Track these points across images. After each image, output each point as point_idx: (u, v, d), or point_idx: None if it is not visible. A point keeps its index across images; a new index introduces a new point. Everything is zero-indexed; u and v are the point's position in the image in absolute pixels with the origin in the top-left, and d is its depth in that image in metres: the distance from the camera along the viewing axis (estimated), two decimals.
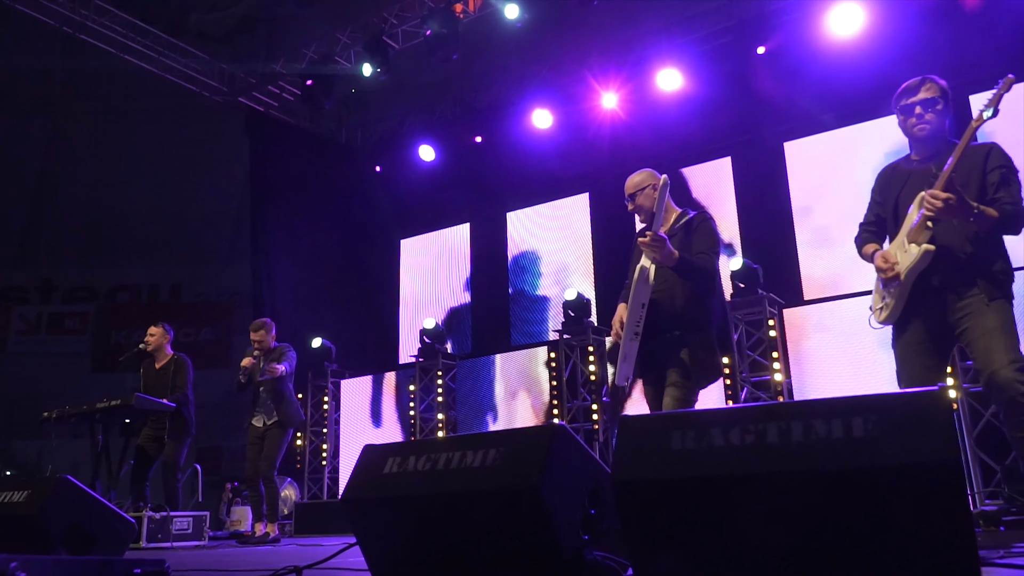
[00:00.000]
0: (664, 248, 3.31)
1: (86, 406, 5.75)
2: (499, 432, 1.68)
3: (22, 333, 17.43)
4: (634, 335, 3.41)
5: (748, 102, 8.80)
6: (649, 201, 3.73)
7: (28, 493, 2.63)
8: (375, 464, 1.83)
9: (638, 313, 3.38)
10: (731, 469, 1.36)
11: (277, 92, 10.52)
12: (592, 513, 1.61)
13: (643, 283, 3.38)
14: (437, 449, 1.73)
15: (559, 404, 8.06)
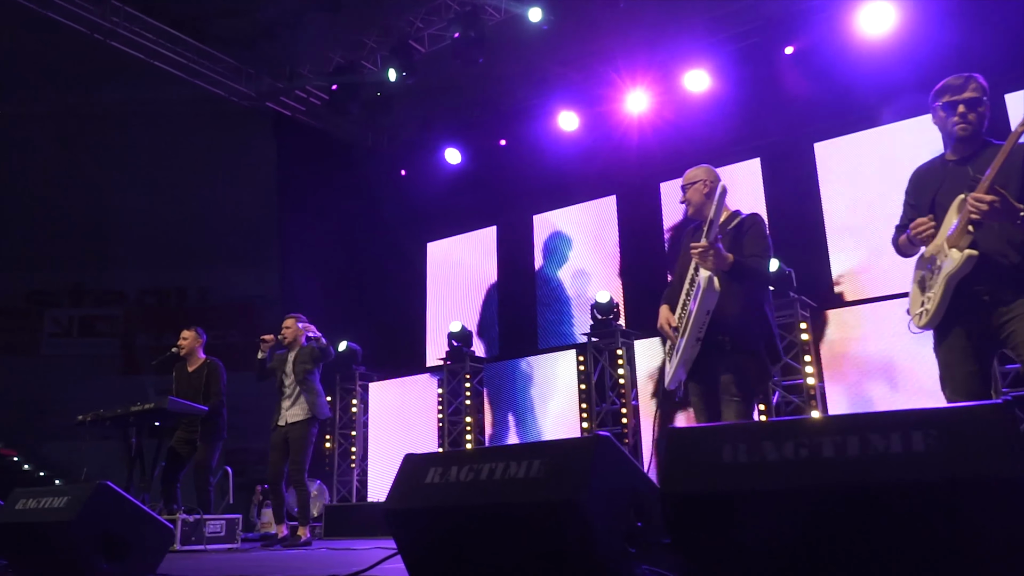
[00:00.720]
0: (717, 256, 3.27)
1: (120, 409, 5.80)
2: (542, 443, 1.66)
3: (54, 336, 17.69)
4: (696, 340, 3.37)
5: (777, 103, 8.71)
6: (698, 196, 3.69)
7: (67, 499, 2.64)
8: (416, 473, 1.81)
9: (702, 320, 3.33)
10: (785, 483, 1.33)
11: (304, 97, 10.58)
12: (638, 526, 1.59)
13: (711, 291, 3.31)
14: (479, 459, 1.71)
15: (588, 407, 8.02)
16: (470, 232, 10.85)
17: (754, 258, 3.45)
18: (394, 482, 1.86)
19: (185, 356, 6.32)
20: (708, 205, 3.68)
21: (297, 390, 6.08)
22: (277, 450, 6.13)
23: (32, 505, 2.75)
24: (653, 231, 9.31)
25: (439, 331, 10.63)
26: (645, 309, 8.93)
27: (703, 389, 3.53)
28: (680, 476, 1.41)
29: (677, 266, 3.79)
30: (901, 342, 6.96)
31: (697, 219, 3.71)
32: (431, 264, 11.16)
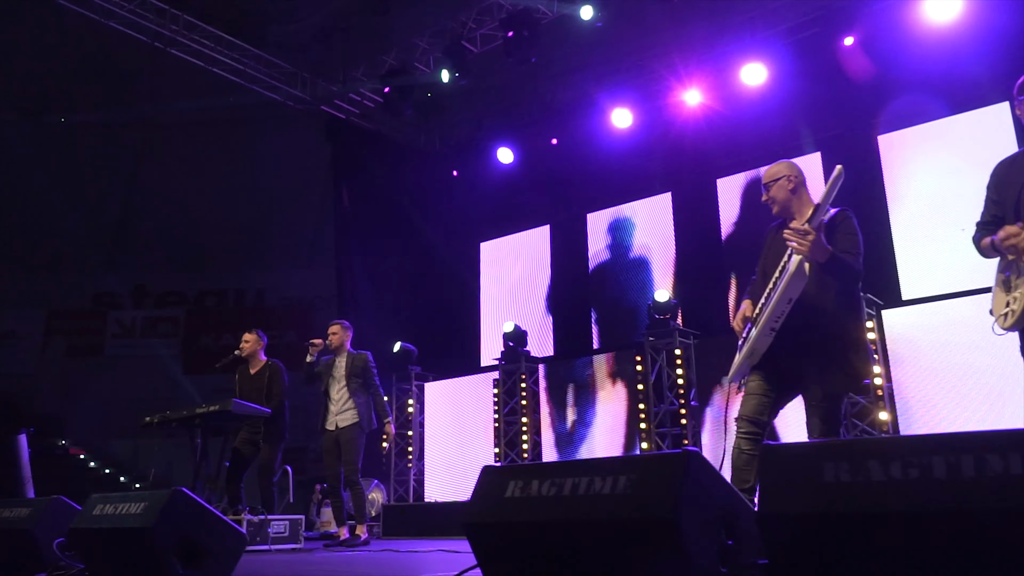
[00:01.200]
0: (816, 244, 3.09)
1: (186, 411, 5.90)
2: (628, 457, 1.61)
3: (118, 337, 18.14)
4: (770, 331, 3.24)
5: (837, 95, 8.50)
6: (783, 193, 3.53)
7: (145, 506, 2.68)
8: (496, 487, 1.79)
9: (782, 308, 3.19)
10: (893, 505, 1.26)
11: (358, 99, 10.67)
12: (729, 544, 1.53)
13: (799, 277, 3.13)
14: (561, 473, 1.67)
15: (646, 408, 7.93)
16: (523, 231, 10.82)
17: (847, 255, 3.27)
18: (473, 495, 1.84)
19: (247, 358, 6.40)
20: (795, 201, 3.56)
21: (347, 396, 6.12)
22: (331, 454, 6.17)
23: (109, 511, 2.80)
24: (710, 228, 9.16)
25: (493, 331, 10.63)
26: (702, 308, 8.81)
27: (767, 377, 3.38)
28: (779, 495, 1.35)
29: (760, 265, 3.68)
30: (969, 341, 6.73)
31: (784, 217, 3.56)
32: (485, 264, 11.16)
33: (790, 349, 3.30)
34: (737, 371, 3.54)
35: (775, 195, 3.59)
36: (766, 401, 3.34)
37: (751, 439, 3.30)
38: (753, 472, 3.26)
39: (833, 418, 3.25)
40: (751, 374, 3.42)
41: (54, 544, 3.07)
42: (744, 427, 3.33)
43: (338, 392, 6.12)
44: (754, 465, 3.27)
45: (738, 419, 3.37)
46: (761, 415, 3.33)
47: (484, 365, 10.44)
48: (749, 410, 3.35)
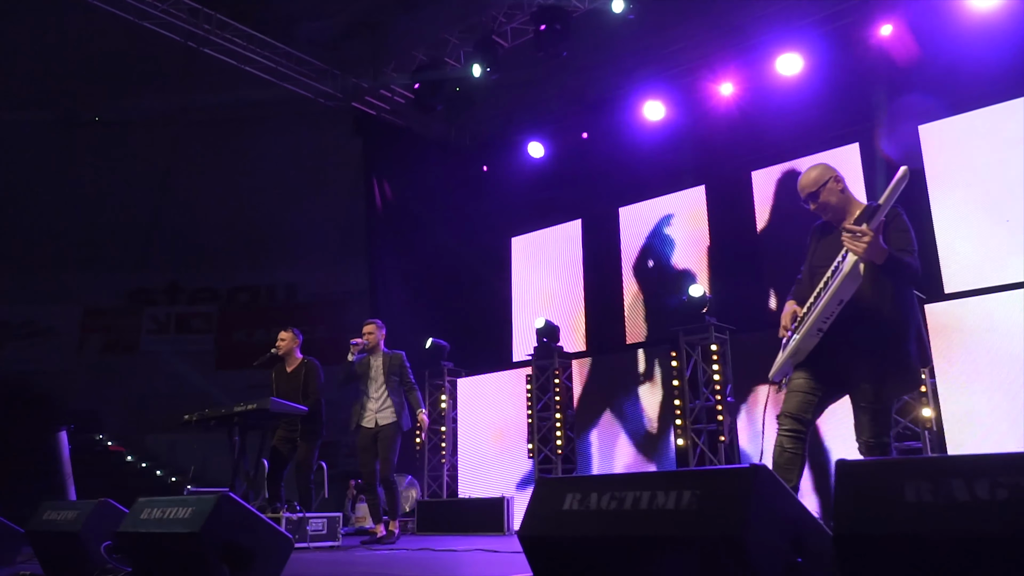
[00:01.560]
0: (874, 245, 3.01)
1: (224, 410, 5.94)
2: (692, 471, 1.56)
3: (152, 333, 18.36)
4: (818, 331, 3.17)
5: (876, 85, 8.32)
6: (835, 196, 3.45)
7: (192, 511, 2.69)
8: (552, 499, 1.75)
9: (832, 309, 3.12)
10: (981, 528, 1.21)
11: (388, 96, 10.67)
12: (798, 563, 1.48)
13: (852, 279, 3.06)
14: (621, 487, 1.63)
15: (681, 404, 7.85)
16: (555, 226, 10.76)
17: (904, 253, 3.18)
18: (529, 507, 1.80)
19: (283, 356, 6.44)
20: (849, 201, 3.48)
21: (385, 394, 6.19)
22: (367, 452, 6.22)
23: (156, 515, 2.81)
24: (745, 221, 9.03)
25: (525, 326, 10.60)
26: (737, 303, 8.69)
27: (814, 374, 3.31)
28: (856, 515, 1.30)
29: (807, 264, 3.60)
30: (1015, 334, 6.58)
31: (839, 218, 3.45)
32: (516, 259, 11.12)
33: (841, 349, 3.23)
34: (779, 370, 3.48)
35: (828, 199, 3.48)
36: (811, 399, 3.27)
37: (794, 437, 3.23)
38: (796, 472, 3.19)
39: (883, 419, 3.17)
40: (797, 371, 3.36)
41: (102, 547, 3.09)
42: (787, 424, 3.26)
43: (376, 391, 6.20)
44: (797, 464, 3.20)
45: (780, 416, 3.30)
46: (805, 413, 3.26)
47: (516, 360, 10.42)
48: (793, 407, 3.28)
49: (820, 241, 3.61)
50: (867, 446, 3.16)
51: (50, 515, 3.37)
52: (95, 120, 16.91)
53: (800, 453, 3.20)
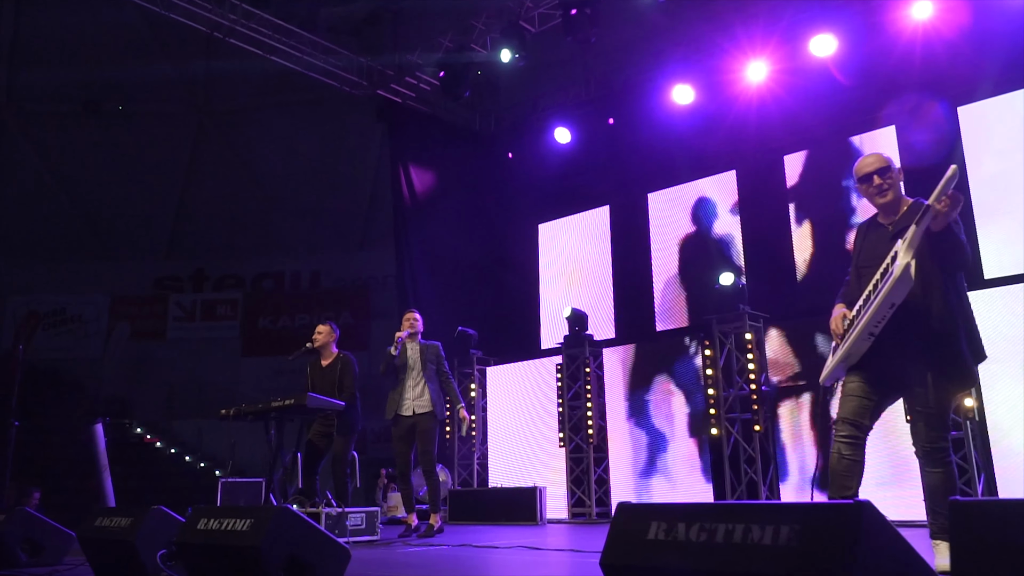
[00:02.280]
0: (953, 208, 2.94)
1: (261, 404, 5.94)
2: (792, 505, 1.51)
3: (179, 320, 18.48)
4: (869, 335, 3.10)
5: (912, 66, 8.14)
6: (899, 185, 3.38)
7: (251, 522, 2.67)
8: (635, 526, 1.71)
9: (883, 313, 3.05)
10: None
11: (414, 83, 10.59)
12: None
13: (904, 282, 2.98)
14: (711, 517, 1.58)
15: (715, 394, 7.79)
16: (582, 212, 10.67)
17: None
18: (610, 533, 1.76)
19: (319, 350, 6.44)
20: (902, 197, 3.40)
21: (423, 383, 6.20)
22: (403, 441, 6.23)
23: (214, 526, 2.80)
24: (777, 207, 8.91)
25: (553, 314, 10.55)
26: (770, 290, 8.59)
27: (868, 378, 3.23)
28: (978, 561, 1.25)
29: (854, 264, 3.51)
30: None
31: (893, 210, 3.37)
32: (543, 245, 11.05)
33: (893, 351, 3.15)
34: (830, 374, 3.41)
35: (896, 181, 3.38)
36: (867, 403, 3.20)
37: (851, 443, 3.17)
38: (855, 479, 3.14)
39: (939, 423, 3.08)
40: (850, 375, 3.28)
41: (157, 556, 3.09)
42: (844, 430, 3.19)
43: (414, 379, 6.22)
44: (856, 471, 3.14)
45: (837, 422, 3.23)
46: (862, 418, 3.19)
47: (545, 348, 10.38)
48: (849, 412, 3.21)
49: (866, 240, 3.50)
50: (924, 451, 3.09)
51: (102, 521, 3.38)
52: (119, 109, 16.97)
53: (859, 459, 3.14)
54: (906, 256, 3.04)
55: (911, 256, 3.04)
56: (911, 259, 3.03)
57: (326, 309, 18.16)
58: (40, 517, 4.24)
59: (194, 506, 3.03)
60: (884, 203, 3.42)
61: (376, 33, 14.09)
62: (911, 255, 3.04)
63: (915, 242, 3.09)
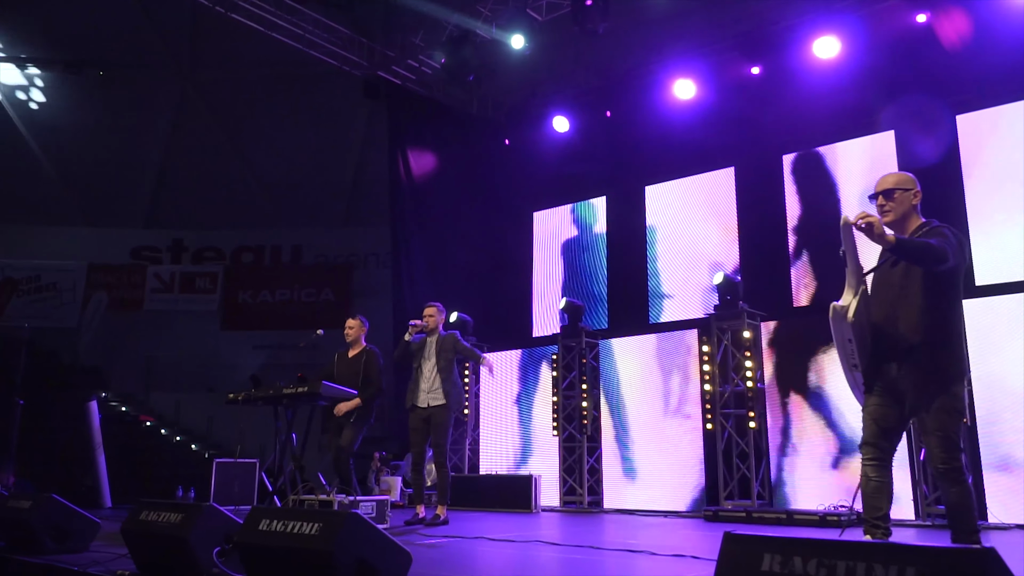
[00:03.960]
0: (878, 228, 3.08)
1: (272, 391, 5.94)
2: (915, 548, 1.59)
3: (157, 291, 18.23)
4: (852, 367, 3.26)
5: (913, 72, 8.29)
6: (906, 205, 3.45)
7: (319, 526, 2.71)
8: (748, 558, 1.78)
9: (846, 348, 3.22)
10: None
11: (416, 66, 10.52)
12: None
13: (836, 321, 3.20)
14: (833, 554, 1.66)
15: (711, 390, 7.94)
16: (578, 202, 10.72)
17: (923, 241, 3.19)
18: (720, 562, 1.83)
19: (349, 343, 6.48)
20: (912, 215, 3.49)
21: (438, 377, 6.24)
22: (419, 432, 6.29)
23: (279, 528, 2.83)
24: (775, 205, 9.04)
25: (545, 302, 10.63)
26: (766, 288, 8.73)
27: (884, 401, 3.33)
28: None
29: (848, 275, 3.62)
30: None
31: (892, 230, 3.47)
32: (537, 233, 11.09)
33: (895, 374, 3.28)
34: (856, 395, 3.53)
35: (899, 203, 3.47)
36: (885, 426, 3.33)
37: (877, 465, 3.30)
38: (885, 499, 3.27)
39: (948, 443, 3.18)
40: (868, 397, 3.40)
41: (213, 553, 3.12)
42: (869, 453, 3.33)
43: (430, 370, 6.27)
44: (884, 492, 3.27)
45: (861, 446, 3.37)
46: (883, 440, 3.32)
47: (537, 336, 10.46)
48: (870, 435, 3.35)
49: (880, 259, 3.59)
50: (938, 471, 3.22)
51: (149, 516, 3.39)
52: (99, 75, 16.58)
53: (886, 480, 3.27)
54: (846, 296, 3.20)
55: (851, 296, 3.19)
56: (851, 299, 3.17)
57: (307, 285, 18.06)
58: (66, 503, 4.24)
59: (253, 507, 3.06)
60: (886, 223, 3.54)
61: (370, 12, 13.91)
62: (851, 294, 3.19)
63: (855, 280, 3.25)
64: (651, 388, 8.98)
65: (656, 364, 9.04)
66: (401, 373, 10.24)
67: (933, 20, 8.21)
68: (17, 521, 4.22)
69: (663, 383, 8.92)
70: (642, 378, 9.07)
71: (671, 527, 6.51)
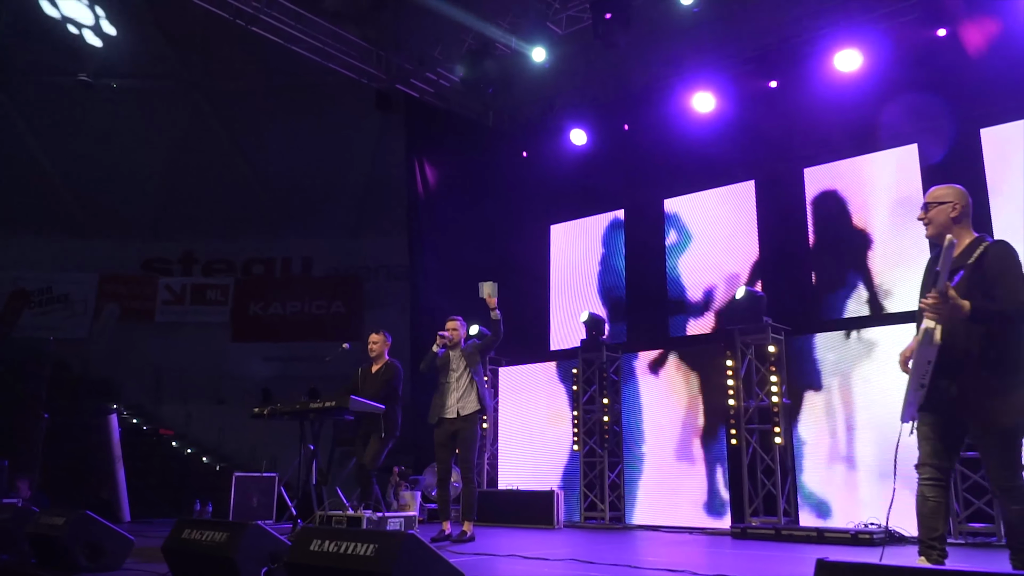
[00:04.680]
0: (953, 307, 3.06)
1: (298, 405, 5.90)
2: None
3: (168, 303, 18.23)
4: (920, 386, 3.19)
5: (936, 86, 8.24)
6: (943, 217, 3.41)
7: (375, 548, 2.66)
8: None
9: (923, 369, 3.14)
10: None
11: (434, 79, 10.52)
12: None
13: (927, 345, 3.11)
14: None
15: (736, 404, 7.87)
16: (596, 215, 10.68)
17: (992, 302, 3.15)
18: None
19: (373, 358, 6.45)
20: (955, 229, 3.44)
21: (467, 383, 6.23)
22: (445, 448, 6.24)
23: (331, 548, 2.78)
24: (796, 220, 8.98)
25: (564, 315, 10.57)
26: (788, 302, 8.65)
27: (939, 420, 3.30)
28: None
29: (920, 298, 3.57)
30: None
31: (937, 243, 3.46)
32: (555, 247, 11.05)
33: (954, 391, 3.22)
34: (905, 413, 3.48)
35: (934, 217, 3.47)
36: (941, 446, 3.27)
37: (934, 485, 3.24)
38: (942, 520, 3.20)
39: (1009, 462, 3.13)
40: (923, 416, 3.34)
41: (260, 573, 3.07)
42: (926, 473, 3.27)
43: (458, 379, 6.26)
44: (941, 512, 3.21)
45: (918, 466, 3.31)
46: (940, 459, 3.26)
47: (554, 349, 10.40)
48: (927, 455, 3.29)
49: (929, 271, 3.55)
50: (999, 490, 3.16)
51: (192, 534, 3.34)
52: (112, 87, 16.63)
53: (943, 501, 3.21)
54: (928, 320, 3.13)
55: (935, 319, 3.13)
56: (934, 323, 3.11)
57: (317, 297, 18.04)
58: (100, 520, 4.18)
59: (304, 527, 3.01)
60: (929, 235, 3.51)
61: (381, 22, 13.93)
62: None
63: None
64: (673, 402, 8.92)
65: (678, 378, 8.98)
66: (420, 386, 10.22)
67: (957, 29, 8.17)
68: (50, 538, 4.17)
69: (685, 397, 8.86)
70: (663, 392, 9.01)
71: (700, 544, 6.43)
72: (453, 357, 6.38)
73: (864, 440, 7.57)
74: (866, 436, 7.56)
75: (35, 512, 4.51)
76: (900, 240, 8.12)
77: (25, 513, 4.66)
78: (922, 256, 7.86)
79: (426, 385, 9.97)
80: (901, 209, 8.23)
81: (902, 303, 7.86)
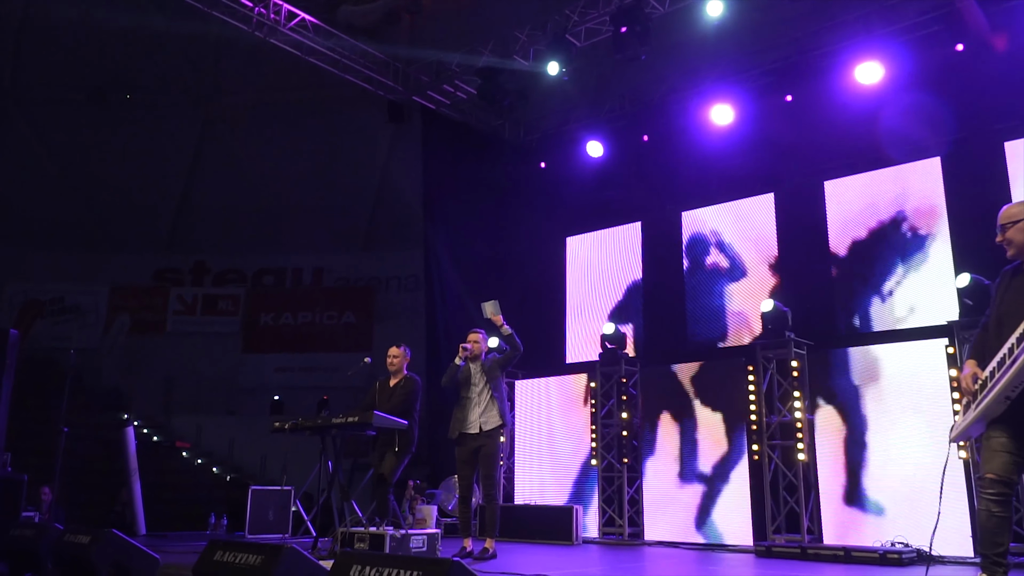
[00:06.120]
0: None
1: (321, 420, 5.85)
2: None
3: (179, 313, 18.23)
4: (1005, 399, 3.12)
5: (959, 97, 8.19)
6: (1021, 236, 3.38)
7: (420, 574, 2.60)
8: None
9: (1019, 380, 3.07)
10: None
11: (451, 91, 10.50)
12: None
13: None
14: None
15: (758, 420, 7.79)
16: (613, 228, 10.63)
17: None
18: None
19: (392, 372, 6.39)
20: None
21: (489, 396, 6.16)
22: (467, 464, 6.17)
23: (373, 575, 2.72)
24: (816, 233, 8.90)
25: (580, 328, 10.50)
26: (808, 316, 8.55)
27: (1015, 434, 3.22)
28: None
29: (994, 314, 3.49)
30: None
31: (1018, 260, 3.40)
32: (571, 259, 10.99)
33: None
34: (962, 432, 3.41)
35: (1012, 237, 3.44)
36: (1015, 460, 3.20)
37: (1000, 500, 3.17)
38: (1006, 535, 3.14)
39: None
40: (994, 430, 3.27)
41: None
42: (993, 488, 3.19)
43: (480, 394, 6.19)
44: (1006, 527, 3.14)
45: (984, 479, 3.23)
46: (1011, 474, 3.20)
47: (571, 362, 10.32)
48: (997, 468, 3.21)
49: (1010, 285, 3.48)
50: None
51: (225, 556, 3.28)
52: (126, 98, 16.70)
53: (1008, 515, 3.15)
54: None
55: None
56: None
57: (328, 308, 18.01)
58: (126, 539, 4.13)
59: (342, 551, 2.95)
60: (1011, 256, 3.45)
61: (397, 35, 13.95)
62: None
63: None
64: (691, 417, 8.83)
65: (695, 393, 8.89)
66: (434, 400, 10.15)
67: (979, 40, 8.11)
68: (75, 557, 4.12)
69: (704, 412, 8.77)
70: (681, 406, 8.92)
71: (726, 563, 6.34)
72: (474, 371, 6.31)
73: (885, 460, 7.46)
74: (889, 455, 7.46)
75: (59, 529, 4.46)
76: (923, 254, 8.04)
77: (49, 530, 4.61)
78: (945, 270, 7.79)
79: (439, 398, 9.94)
80: (923, 223, 8.15)
81: (924, 318, 7.78)
